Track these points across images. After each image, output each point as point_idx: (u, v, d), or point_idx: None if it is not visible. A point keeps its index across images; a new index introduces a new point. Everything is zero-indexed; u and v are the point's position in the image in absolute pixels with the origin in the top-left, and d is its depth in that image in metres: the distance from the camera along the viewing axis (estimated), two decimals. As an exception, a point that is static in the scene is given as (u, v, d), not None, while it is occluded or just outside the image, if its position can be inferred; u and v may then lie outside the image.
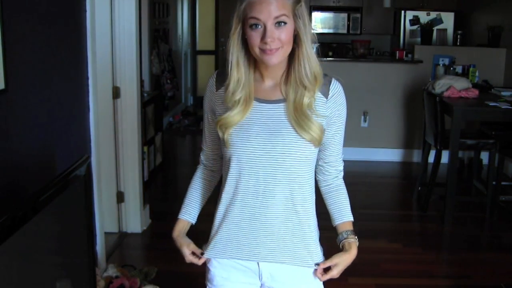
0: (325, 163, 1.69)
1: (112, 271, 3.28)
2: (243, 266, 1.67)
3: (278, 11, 1.46)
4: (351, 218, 1.72)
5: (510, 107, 4.43)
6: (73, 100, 3.00)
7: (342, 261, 1.64)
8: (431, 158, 4.88)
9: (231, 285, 1.69)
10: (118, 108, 3.94)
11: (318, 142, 1.57)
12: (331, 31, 8.23)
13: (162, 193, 5.32)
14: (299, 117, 1.54)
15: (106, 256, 3.54)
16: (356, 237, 1.69)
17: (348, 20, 8.24)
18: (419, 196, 4.99)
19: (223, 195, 1.65)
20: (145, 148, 4.77)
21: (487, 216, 4.60)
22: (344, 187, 1.74)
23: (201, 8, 10.41)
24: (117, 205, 4.07)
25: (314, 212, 1.69)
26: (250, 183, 1.58)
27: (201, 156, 1.80)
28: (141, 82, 4.20)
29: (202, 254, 1.71)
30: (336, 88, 1.61)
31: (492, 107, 4.48)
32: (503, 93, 5.04)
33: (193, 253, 1.72)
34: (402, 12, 7.79)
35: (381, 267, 3.68)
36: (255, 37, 1.48)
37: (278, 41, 1.48)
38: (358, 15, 8.25)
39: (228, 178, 1.61)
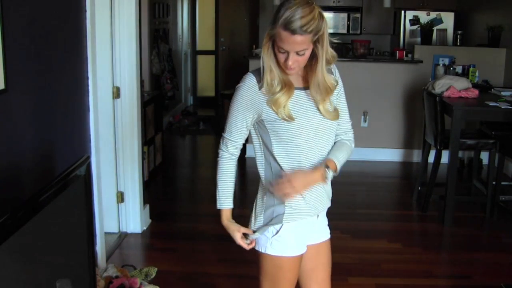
0: (339, 125, 2.07)
1: (112, 271, 3.28)
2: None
3: (299, 47, 1.82)
4: (334, 159, 1.99)
5: (510, 107, 4.43)
6: (73, 100, 3.00)
7: (302, 174, 1.96)
8: (431, 158, 4.87)
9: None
10: (118, 108, 3.93)
11: (336, 117, 1.99)
12: (331, 31, 8.22)
13: (162, 193, 5.32)
14: (322, 103, 1.95)
15: (106, 256, 3.54)
16: (326, 169, 1.96)
17: (348, 20, 8.24)
18: (419, 196, 4.99)
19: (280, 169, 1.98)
20: (145, 148, 4.77)
21: (487, 216, 4.60)
22: (346, 143, 2.08)
23: (201, 8, 10.41)
24: (117, 205, 4.06)
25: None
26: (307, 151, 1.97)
27: (229, 148, 2.04)
28: (141, 82, 4.20)
29: (254, 231, 2.03)
30: (337, 72, 2.07)
31: (492, 107, 4.48)
32: (503, 93, 5.04)
33: (244, 235, 2.05)
34: (402, 12, 7.80)
35: (381, 267, 3.68)
36: (281, 57, 1.87)
37: (297, 63, 1.87)
38: (358, 15, 8.26)
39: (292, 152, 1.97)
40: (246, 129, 2.01)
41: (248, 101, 1.94)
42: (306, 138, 1.93)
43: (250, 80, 1.94)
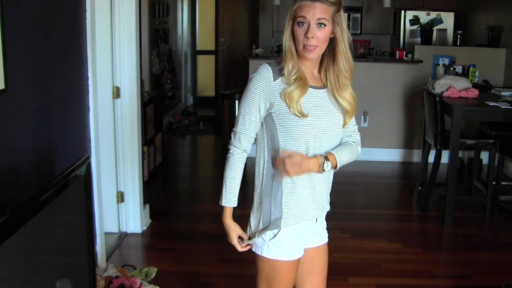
0: (346, 127, 2.06)
1: (112, 271, 3.28)
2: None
3: (320, 14, 1.86)
4: (336, 154, 1.98)
5: (510, 107, 4.43)
6: (73, 100, 3.00)
7: (299, 157, 1.91)
8: (431, 158, 4.88)
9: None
10: (118, 108, 3.93)
11: (353, 109, 2.01)
12: (331, 31, 8.20)
13: (162, 193, 5.32)
14: (338, 91, 1.98)
15: (106, 256, 3.54)
16: (324, 158, 1.94)
17: (348, 20, 8.23)
18: (419, 196, 4.99)
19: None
20: (145, 148, 4.77)
21: (487, 216, 4.61)
22: (352, 144, 2.07)
23: (201, 8, 10.41)
24: (117, 205, 4.07)
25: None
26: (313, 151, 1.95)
27: (243, 142, 2.00)
28: (141, 82, 4.20)
29: (250, 238, 2.04)
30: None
31: (492, 107, 4.48)
32: (503, 93, 5.04)
33: (239, 237, 2.05)
34: (402, 12, 7.80)
35: (381, 267, 3.68)
36: (300, 32, 1.89)
37: (317, 39, 1.87)
38: (358, 15, 8.25)
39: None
40: (259, 122, 1.98)
41: (262, 91, 1.93)
42: (314, 136, 1.93)
43: (265, 70, 1.93)
